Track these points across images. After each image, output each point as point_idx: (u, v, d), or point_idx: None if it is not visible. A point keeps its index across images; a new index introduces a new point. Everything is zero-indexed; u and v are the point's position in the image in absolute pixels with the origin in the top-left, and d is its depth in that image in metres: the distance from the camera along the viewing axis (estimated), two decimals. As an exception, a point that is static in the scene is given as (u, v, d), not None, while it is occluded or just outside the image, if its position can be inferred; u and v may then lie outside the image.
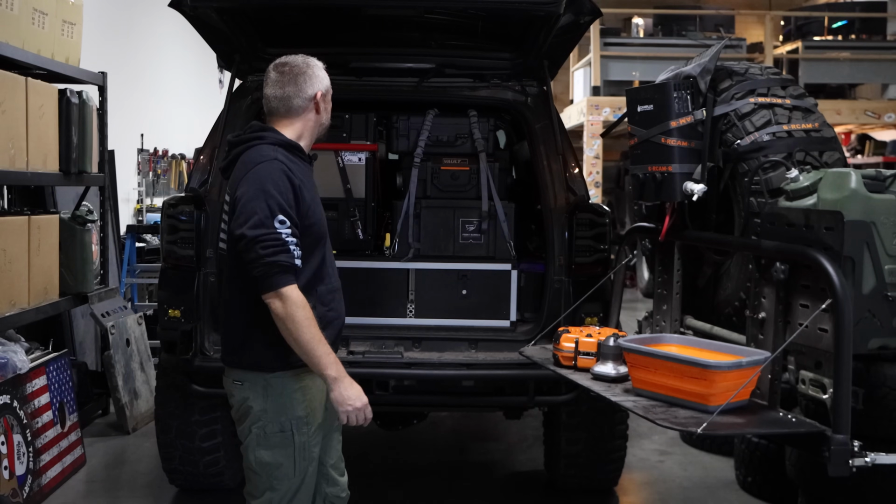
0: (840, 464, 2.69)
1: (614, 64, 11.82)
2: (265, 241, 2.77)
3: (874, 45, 12.15)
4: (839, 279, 2.71)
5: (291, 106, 3.01)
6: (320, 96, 3.03)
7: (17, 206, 5.73)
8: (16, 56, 4.66)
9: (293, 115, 3.02)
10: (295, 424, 2.94)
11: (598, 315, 4.21)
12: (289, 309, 2.77)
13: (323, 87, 3.05)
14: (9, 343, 4.69)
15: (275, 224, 2.79)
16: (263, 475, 2.96)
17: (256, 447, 2.95)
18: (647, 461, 5.42)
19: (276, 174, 2.85)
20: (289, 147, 2.97)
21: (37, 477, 4.57)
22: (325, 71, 3.09)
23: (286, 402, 2.93)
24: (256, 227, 2.78)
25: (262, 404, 2.93)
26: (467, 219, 4.56)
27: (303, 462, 2.97)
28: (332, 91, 3.13)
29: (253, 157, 2.91)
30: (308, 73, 3.02)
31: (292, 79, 3.00)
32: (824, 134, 3.39)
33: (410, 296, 4.44)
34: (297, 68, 3.02)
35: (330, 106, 3.12)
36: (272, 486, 2.96)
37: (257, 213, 2.79)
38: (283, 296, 2.78)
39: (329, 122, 3.13)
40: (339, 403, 2.86)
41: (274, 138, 2.97)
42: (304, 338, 2.79)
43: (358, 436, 5.91)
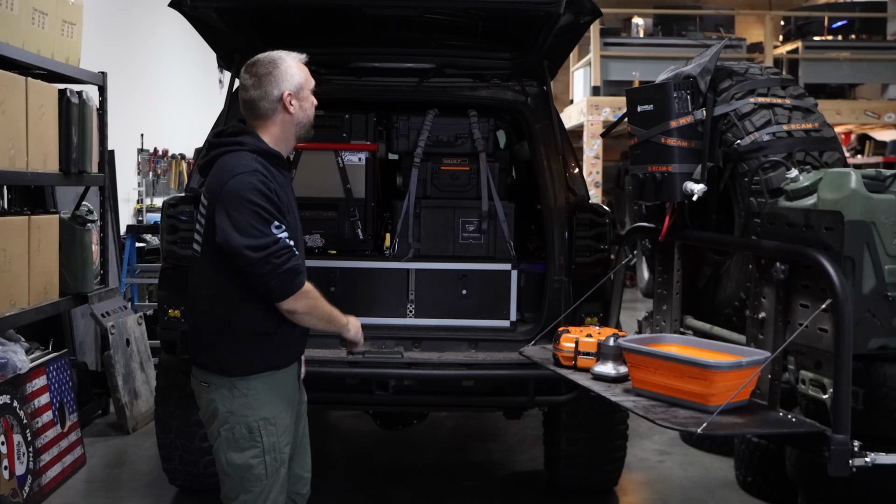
0: (840, 464, 2.69)
1: (614, 64, 11.83)
2: (276, 250, 2.78)
3: (874, 45, 12.15)
4: (839, 279, 2.71)
5: (260, 110, 2.96)
6: (288, 96, 2.94)
7: (17, 206, 5.73)
8: (16, 56, 4.66)
9: (265, 118, 2.97)
10: (262, 425, 2.94)
11: (598, 315, 4.21)
12: (311, 303, 2.91)
13: (292, 85, 2.95)
14: (9, 343, 4.69)
15: (273, 231, 2.79)
16: (236, 477, 2.96)
17: (227, 449, 2.95)
18: (647, 461, 5.42)
19: (256, 184, 2.82)
20: (267, 156, 2.93)
21: (37, 477, 4.57)
22: (299, 66, 2.99)
23: (252, 403, 2.93)
24: (259, 237, 2.78)
25: (228, 406, 2.93)
26: (467, 219, 4.56)
27: (274, 463, 2.97)
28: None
29: (233, 165, 2.87)
30: (274, 73, 2.93)
31: (258, 81, 2.93)
32: (824, 134, 3.39)
33: (410, 296, 4.44)
34: (263, 68, 2.94)
35: (308, 102, 3.02)
36: (245, 488, 2.96)
37: (254, 225, 2.78)
38: (304, 293, 2.88)
39: (311, 120, 3.06)
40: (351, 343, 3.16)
41: (253, 146, 2.92)
42: (325, 318, 2.99)
43: (358, 436, 5.92)
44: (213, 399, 2.95)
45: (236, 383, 2.92)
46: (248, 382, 2.93)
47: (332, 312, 3.01)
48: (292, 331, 2.98)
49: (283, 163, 3.02)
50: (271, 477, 2.98)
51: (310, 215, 4.57)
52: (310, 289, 2.90)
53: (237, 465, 2.94)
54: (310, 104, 3.04)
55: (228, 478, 2.98)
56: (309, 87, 3.02)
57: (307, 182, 4.59)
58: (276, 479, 3.00)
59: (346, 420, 6.20)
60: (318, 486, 5.04)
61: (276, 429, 2.97)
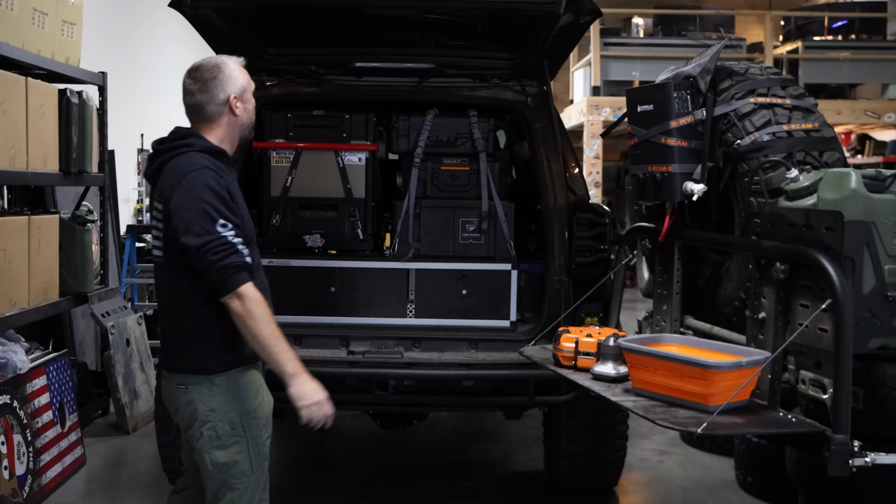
0: (840, 464, 2.69)
1: (614, 64, 11.82)
2: (213, 246, 2.81)
3: (874, 45, 12.15)
4: (839, 279, 2.71)
5: (206, 113, 3.01)
6: (234, 98, 3.00)
7: (17, 206, 5.72)
8: (16, 56, 4.66)
9: (211, 121, 3.02)
10: (244, 419, 2.97)
11: (598, 315, 4.21)
12: (248, 306, 2.83)
13: (237, 88, 3.02)
14: (9, 343, 4.68)
15: (217, 229, 2.82)
16: (222, 477, 2.97)
17: (210, 449, 2.95)
18: (647, 461, 5.42)
19: (208, 181, 2.86)
20: (215, 154, 2.98)
21: (37, 477, 4.57)
22: (241, 69, 3.06)
23: (232, 398, 2.96)
24: (201, 235, 2.81)
25: (208, 404, 2.94)
26: (467, 219, 4.56)
27: (258, 457, 3.00)
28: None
29: (182, 166, 2.91)
30: (219, 77, 3.00)
31: (203, 86, 2.99)
32: (824, 134, 3.39)
33: (410, 296, 4.44)
34: (208, 73, 3.00)
35: (251, 105, 3.08)
36: (232, 486, 2.97)
37: (199, 222, 2.82)
38: (241, 294, 2.82)
39: (253, 121, 3.12)
40: (297, 399, 2.90)
41: (201, 145, 2.97)
42: (264, 333, 2.85)
43: (358, 436, 5.92)
44: (192, 400, 2.96)
45: (214, 380, 2.94)
46: (226, 378, 2.95)
47: (274, 337, 2.87)
48: None
49: (229, 160, 3.06)
50: (256, 472, 3.00)
51: (310, 215, 4.57)
52: (254, 294, 2.84)
53: (222, 463, 2.95)
54: (252, 106, 3.10)
55: (214, 479, 2.98)
56: (251, 90, 3.09)
57: (307, 182, 4.59)
58: (261, 474, 3.02)
59: (346, 420, 6.19)
60: (318, 485, 5.05)
61: (258, 422, 3.01)
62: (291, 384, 2.90)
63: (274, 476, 5.21)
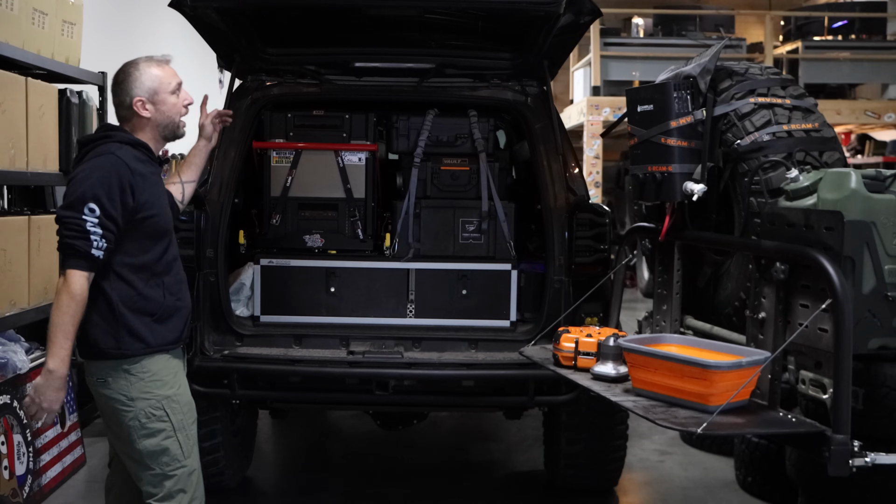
0: (840, 464, 2.69)
1: (614, 64, 11.82)
2: (68, 222, 2.88)
3: (874, 45, 12.14)
4: (839, 279, 2.71)
5: (119, 116, 3.10)
6: (138, 101, 3.04)
7: (17, 206, 5.72)
8: (16, 56, 4.66)
9: (126, 122, 3.10)
10: (165, 404, 3.01)
11: (598, 315, 4.21)
12: (62, 290, 2.86)
13: (143, 90, 3.05)
14: (9, 343, 4.69)
15: (83, 210, 2.87)
16: (155, 466, 3.00)
17: (138, 439, 2.99)
18: (647, 461, 5.42)
19: (106, 167, 2.92)
20: (135, 145, 3.04)
21: (37, 477, 4.57)
22: (157, 70, 3.08)
23: (149, 385, 3.00)
24: (65, 208, 2.91)
25: (127, 394, 2.99)
26: (467, 219, 4.56)
27: (187, 441, 3.05)
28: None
29: (97, 151, 3.00)
30: (126, 81, 3.05)
31: (115, 88, 3.08)
32: (824, 134, 3.39)
33: (410, 296, 4.44)
34: (119, 76, 3.08)
35: (168, 104, 3.09)
36: (166, 473, 3.01)
37: (72, 196, 2.90)
38: (67, 277, 2.87)
39: (173, 120, 3.13)
40: (34, 389, 2.95)
41: (121, 136, 3.04)
42: (55, 320, 2.88)
43: (358, 436, 5.92)
44: (111, 391, 3.00)
45: (130, 368, 2.98)
46: (140, 365, 2.99)
47: (63, 328, 2.88)
48: (172, 312, 3.06)
49: (151, 154, 3.11)
50: (188, 457, 3.04)
51: (310, 215, 4.57)
52: (76, 283, 2.86)
53: (151, 451, 2.99)
54: (170, 105, 3.11)
55: (148, 470, 3.01)
56: (168, 90, 3.10)
57: (307, 182, 4.59)
58: (194, 460, 3.06)
59: (346, 420, 6.20)
60: (318, 485, 5.05)
61: (181, 406, 3.05)
62: (42, 376, 2.94)
63: (274, 476, 5.24)
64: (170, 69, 3.14)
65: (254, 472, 5.11)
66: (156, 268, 3.05)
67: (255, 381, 4.30)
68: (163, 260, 3.08)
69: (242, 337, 4.22)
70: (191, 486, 3.05)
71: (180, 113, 3.16)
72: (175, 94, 3.12)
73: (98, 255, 2.88)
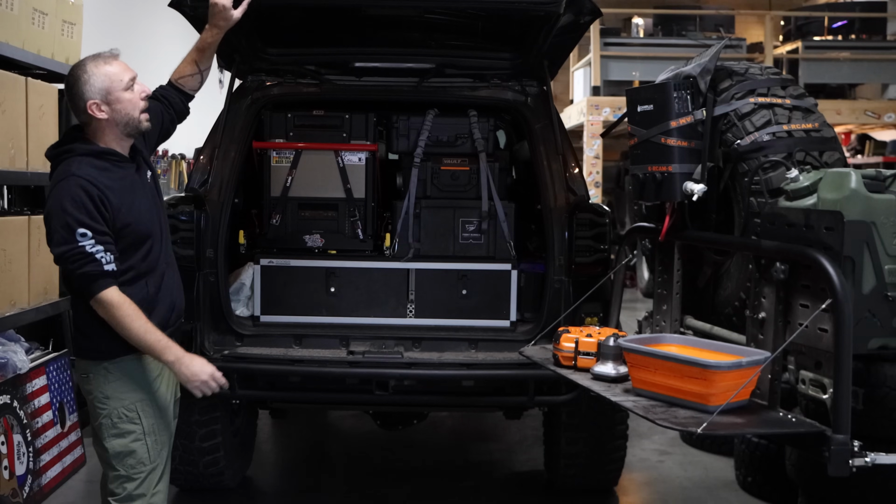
0: (840, 464, 2.69)
1: (614, 64, 11.82)
2: (71, 256, 2.87)
3: (874, 45, 12.14)
4: (839, 279, 2.71)
5: (79, 120, 3.05)
6: (92, 105, 2.94)
7: (17, 206, 5.72)
8: (16, 56, 4.66)
9: (86, 126, 3.03)
10: (139, 407, 3.03)
11: (598, 315, 4.21)
12: (109, 312, 2.90)
13: (95, 92, 2.94)
14: (9, 343, 4.68)
15: (76, 238, 2.86)
16: (120, 467, 3.01)
17: (108, 437, 3.01)
18: (647, 461, 5.42)
19: (72, 190, 2.89)
20: (99, 155, 2.99)
21: (37, 477, 4.57)
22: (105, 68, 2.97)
23: (126, 386, 3.02)
24: (59, 244, 2.89)
25: (104, 392, 3.01)
26: (467, 219, 4.56)
27: (155, 446, 3.05)
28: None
29: (58, 174, 2.96)
30: (76, 86, 2.97)
31: (68, 94, 3.02)
32: (824, 134, 3.39)
33: (410, 296, 4.44)
34: (70, 80, 2.99)
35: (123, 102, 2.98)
36: (130, 475, 3.02)
37: (59, 231, 2.89)
38: (100, 301, 2.90)
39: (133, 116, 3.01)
40: (187, 381, 2.97)
41: (83, 149, 2.99)
42: (133, 332, 2.91)
43: (358, 436, 5.92)
44: (91, 387, 3.03)
45: (109, 367, 3.00)
46: (121, 365, 3.01)
47: (143, 331, 2.92)
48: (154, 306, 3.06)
49: (118, 157, 3.04)
50: (154, 461, 3.04)
51: (310, 215, 4.57)
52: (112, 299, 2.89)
53: (118, 452, 3.01)
54: (126, 101, 3.00)
55: (113, 469, 3.03)
56: (121, 87, 2.99)
57: (307, 182, 4.59)
58: (160, 463, 3.06)
59: (346, 420, 6.20)
60: (319, 485, 5.05)
61: (154, 410, 3.06)
62: (177, 371, 2.96)
63: (274, 476, 5.24)
64: (120, 64, 3.02)
65: (254, 472, 5.11)
66: (140, 268, 3.05)
67: (255, 381, 4.31)
68: (146, 261, 3.07)
69: (242, 337, 4.22)
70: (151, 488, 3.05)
71: (139, 108, 3.02)
72: (129, 89, 3.00)
73: (112, 268, 2.90)
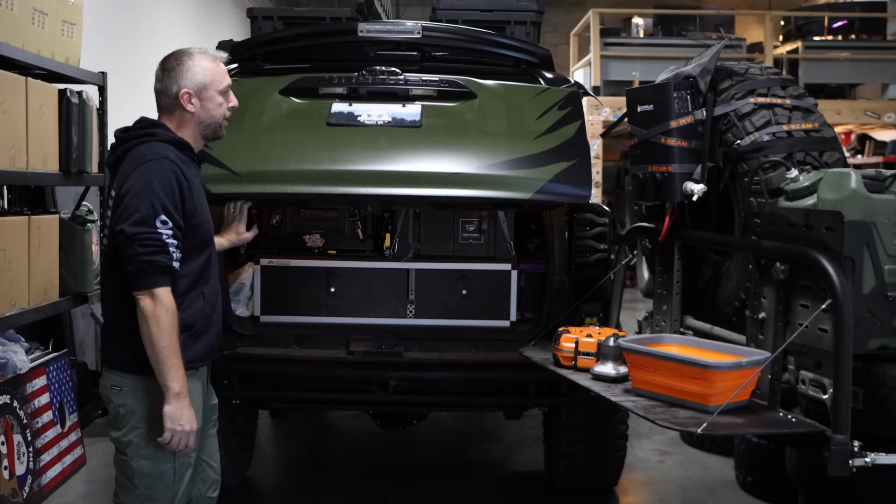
0: (840, 464, 2.69)
1: (614, 64, 11.82)
2: (144, 239, 2.75)
3: (874, 45, 12.14)
4: (839, 279, 2.72)
5: (161, 104, 2.96)
6: (185, 93, 2.90)
7: (17, 206, 5.72)
8: (16, 56, 4.66)
9: (167, 112, 2.96)
10: None
11: (598, 315, 4.20)
12: (157, 310, 2.75)
13: (193, 83, 2.91)
14: (9, 343, 4.69)
15: (156, 224, 2.76)
16: (142, 486, 2.89)
17: (136, 457, 2.87)
18: (647, 461, 5.42)
19: (165, 172, 2.80)
20: (179, 146, 2.92)
21: (37, 477, 4.57)
22: (210, 65, 2.94)
23: None
24: (137, 224, 2.75)
25: (142, 410, 2.87)
26: (467, 219, 4.55)
27: (182, 468, 2.93)
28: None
29: (143, 154, 2.84)
30: (177, 69, 2.91)
31: (164, 74, 2.94)
32: (824, 134, 3.39)
33: (410, 296, 4.44)
34: (172, 62, 2.93)
35: (214, 102, 2.96)
36: (151, 496, 2.90)
37: (140, 211, 2.76)
38: (155, 296, 2.76)
39: (216, 120, 3.00)
40: (169, 419, 2.80)
41: (165, 135, 2.90)
42: (163, 343, 2.76)
43: (358, 436, 5.92)
44: (125, 403, 2.89)
45: (150, 385, 2.85)
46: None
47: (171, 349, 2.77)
48: (209, 325, 2.97)
49: (193, 154, 3.00)
50: (178, 483, 2.93)
51: (310, 215, 4.57)
52: (168, 300, 2.76)
53: (146, 473, 2.88)
54: (216, 104, 2.98)
55: (133, 487, 2.90)
56: (217, 88, 2.97)
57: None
58: (181, 483, 2.95)
59: (346, 420, 6.20)
60: (319, 486, 5.05)
61: None
62: (171, 403, 2.79)
63: (274, 476, 5.24)
64: (223, 67, 3.00)
65: (254, 472, 5.11)
66: (199, 277, 2.94)
67: (255, 381, 4.30)
68: (206, 269, 2.97)
69: (242, 337, 4.22)
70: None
71: (225, 115, 3.01)
72: (224, 94, 2.99)
73: (177, 266, 2.80)
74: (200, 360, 2.98)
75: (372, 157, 3.71)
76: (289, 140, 3.81)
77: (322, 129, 3.82)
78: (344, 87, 4.02)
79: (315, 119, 3.88)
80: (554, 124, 3.84)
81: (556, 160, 3.68)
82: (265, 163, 3.70)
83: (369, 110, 3.92)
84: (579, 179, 3.63)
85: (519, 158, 3.68)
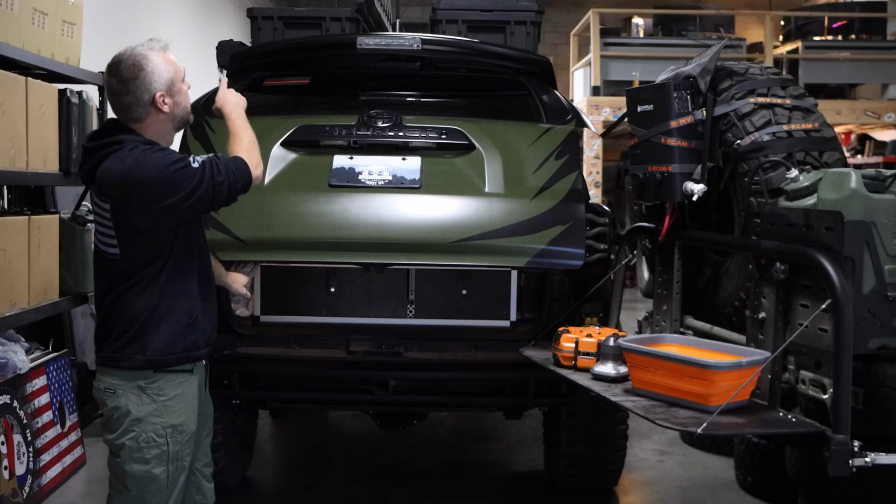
0: (840, 464, 2.69)
1: (614, 64, 11.82)
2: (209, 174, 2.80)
3: (874, 45, 12.14)
4: (839, 279, 2.72)
5: (134, 114, 2.87)
6: (160, 96, 2.85)
7: (17, 206, 5.72)
8: (16, 56, 4.66)
9: (140, 121, 2.88)
10: (170, 433, 2.89)
11: (598, 315, 4.20)
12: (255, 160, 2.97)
13: (162, 84, 2.86)
14: (9, 343, 4.69)
15: (191, 164, 2.79)
16: (134, 490, 2.89)
17: (129, 460, 2.87)
18: (647, 461, 5.42)
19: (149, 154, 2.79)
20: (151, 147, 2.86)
21: (37, 477, 4.57)
22: (166, 60, 2.88)
23: (161, 409, 2.88)
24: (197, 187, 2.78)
25: (137, 412, 2.86)
26: None
27: (175, 472, 2.92)
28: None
29: (121, 160, 2.78)
30: (140, 76, 2.83)
31: (125, 87, 2.84)
32: (824, 134, 3.39)
33: (410, 296, 4.43)
34: (129, 72, 2.85)
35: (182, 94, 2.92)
36: (144, 499, 2.89)
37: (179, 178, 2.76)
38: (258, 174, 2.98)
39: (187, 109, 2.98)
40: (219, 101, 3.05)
41: (134, 141, 2.84)
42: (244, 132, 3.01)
43: (358, 436, 5.92)
44: (119, 406, 2.88)
45: (146, 388, 2.85)
46: (158, 386, 2.88)
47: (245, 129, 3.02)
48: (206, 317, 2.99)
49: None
50: (171, 486, 2.92)
51: None
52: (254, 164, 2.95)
53: (139, 476, 2.88)
54: (184, 94, 2.94)
55: (125, 490, 2.90)
56: (180, 78, 2.94)
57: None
58: (175, 487, 2.94)
59: (346, 420, 6.20)
60: (319, 485, 5.05)
61: (182, 437, 2.93)
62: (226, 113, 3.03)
63: (274, 476, 5.24)
64: (171, 54, 2.94)
65: (254, 472, 5.11)
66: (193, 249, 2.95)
67: (256, 381, 4.30)
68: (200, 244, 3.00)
69: (242, 337, 4.21)
70: None
71: (189, 99, 2.98)
72: (183, 79, 2.95)
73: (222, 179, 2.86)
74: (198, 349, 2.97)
75: (373, 224, 3.82)
76: (292, 203, 3.87)
77: (325, 191, 3.89)
78: (345, 140, 4.07)
79: (318, 177, 3.93)
80: (551, 177, 3.90)
81: (552, 223, 3.77)
82: (270, 230, 3.78)
83: (370, 166, 3.97)
84: (572, 243, 3.77)
85: (515, 224, 3.79)
